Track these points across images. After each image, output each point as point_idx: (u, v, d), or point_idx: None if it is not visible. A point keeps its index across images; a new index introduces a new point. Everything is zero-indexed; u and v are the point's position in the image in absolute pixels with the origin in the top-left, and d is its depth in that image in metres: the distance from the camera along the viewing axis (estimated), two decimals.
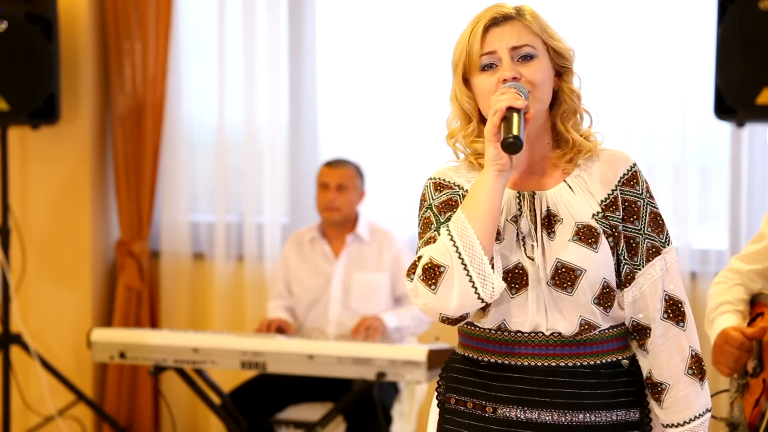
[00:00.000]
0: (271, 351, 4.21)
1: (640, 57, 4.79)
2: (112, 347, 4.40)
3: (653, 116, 4.81)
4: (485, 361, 2.30)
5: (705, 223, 4.86)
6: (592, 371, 2.26)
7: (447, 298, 2.16)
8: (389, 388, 4.51)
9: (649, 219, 2.28)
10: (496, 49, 2.26)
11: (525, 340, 2.26)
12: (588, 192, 2.28)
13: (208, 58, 5.37)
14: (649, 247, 2.28)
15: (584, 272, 2.21)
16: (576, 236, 2.23)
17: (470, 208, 2.19)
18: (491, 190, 2.18)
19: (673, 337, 2.28)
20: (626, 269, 2.27)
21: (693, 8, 4.73)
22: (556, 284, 2.22)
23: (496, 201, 2.18)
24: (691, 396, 2.29)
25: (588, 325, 2.24)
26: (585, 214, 2.25)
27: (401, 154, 5.17)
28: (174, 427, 5.23)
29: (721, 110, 4.35)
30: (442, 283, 2.16)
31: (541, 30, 2.28)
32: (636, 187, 2.29)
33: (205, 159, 5.45)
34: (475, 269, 2.15)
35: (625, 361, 2.30)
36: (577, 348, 2.26)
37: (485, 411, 2.30)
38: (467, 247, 2.16)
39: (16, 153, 5.33)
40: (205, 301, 5.42)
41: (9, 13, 4.88)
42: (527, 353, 2.26)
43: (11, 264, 5.09)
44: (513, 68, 2.25)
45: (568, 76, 2.32)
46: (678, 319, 2.28)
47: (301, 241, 4.78)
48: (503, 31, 2.27)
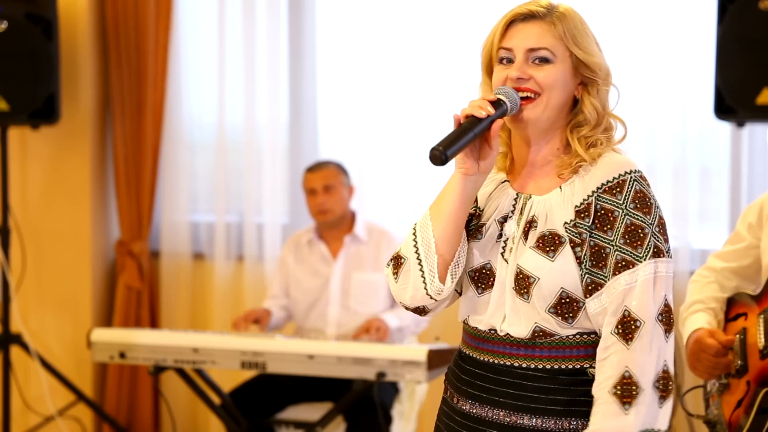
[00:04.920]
0: (271, 351, 4.21)
1: (640, 57, 4.79)
2: (112, 347, 4.40)
3: (653, 116, 4.81)
4: (464, 354, 2.35)
5: (705, 223, 4.86)
6: (547, 375, 2.23)
7: (404, 289, 2.28)
8: (389, 388, 4.51)
9: (624, 230, 2.17)
10: (513, 47, 2.25)
11: (485, 336, 2.28)
12: (570, 199, 2.23)
13: (208, 58, 5.37)
14: (619, 260, 2.16)
15: (537, 280, 2.19)
16: (536, 243, 2.21)
17: (435, 206, 2.26)
18: (453, 191, 2.23)
19: (615, 353, 2.15)
20: (587, 279, 2.18)
21: (693, 8, 4.73)
22: (515, 290, 2.23)
23: (457, 202, 2.22)
24: (605, 415, 2.16)
25: (542, 332, 2.22)
26: (557, 222, 2.22)
27: (401, 154, 5.16)
28: (174, 427, 5.23)
29: (721, 110, 4.35)
30: (402, 274, 2.28)
31: (566, 35, 2.24)
32: (617, 196, 2.19)
33: (205, 159, 5.45)
34: (428, 265, 2.23)
35: (591, 369, 2.21)
36: (533, 350, 2.23)
37: (454, 401, 2.35)
38: (424, 243, 2.24)
39: (16, 153, 5.33)
40: (205, 301, 5.42)
41: (9, 13, 4.88)
42: (487, 349, 2.28)
43: (11, 264, 5.09)
44: (521, 69, 2.23)
45: (592, 87, 2.27)
46: (627, 337, 2.15)
47: (299, 243, 4.78)
48: (525, 28, 2.24)
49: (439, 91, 4.96)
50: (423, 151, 5.03)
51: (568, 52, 2.24)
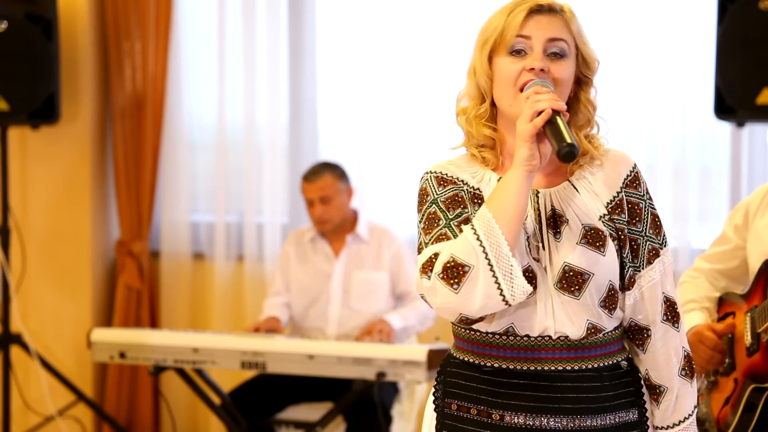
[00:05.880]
0: (271, 351, 4.22)
1: (640, 57, 4.79)
2: (112, 347, 4.40)
3: (653, 116, 4.81)
4: (489, 366, 2.25)
5: (705, 223, 4.85)
6: (596, 374, 2.24)
7: (470, 299, 2.11)
8: (389, 388, 4.51)
9: (650, 221, 2.27)
10: (533, 36, 2.22)
11: (531, 344, 2.22)
12: (593, 193, 2.25)
13: (208, 58, 5.37)
14: (650, 250, 2.26)
15: (592, 276, 2.19)
16: (584, 239, 2.20)
17: (497, 207, 2.12)
18: (520, 190, 2.12)
19: (671, 339, 2.28)
20: (630, 272, 2.25)
21: (693, 8, 4.74)
22: (563, 287, 2.19)
23: (523, 202, 2.13)
24: (684, 397, 2.31)
25: (594, 328, 2.22)
26: (592, 215, 2.22)
27: (401, 154, 5.16)
28: (174, 427, 5.23)
29: (721, 110, 4.35)
30: (465, 283, 2.10)
31: (577, 32, 2.26)
32: (638, 189, 2.28)
33: (205, 159, 5.45)
34: (501, 270, 2.10)
35: (623, 362, 2.28)
36: (583, 351, 2.23)
37: (491, 418, 2.25)
38: (494, 247, 2.10)
39: (16, 153, 5.33)
40: (205, 301, 5.42)
41: (9, 13, 4.88)
42: (533, 357, 2.22)
43: (11, 264, 5.09)
44: (543, 60, 2.21)
45: (587, 86, 2.29)
46: (674, 320, 2.29)
47: (301, 240, 4.78)
48: (544, 20, 2.23)
49: (439, 91, 4.95)
50: (423, 150, 5.08)
51: (576, 49, 2.26)
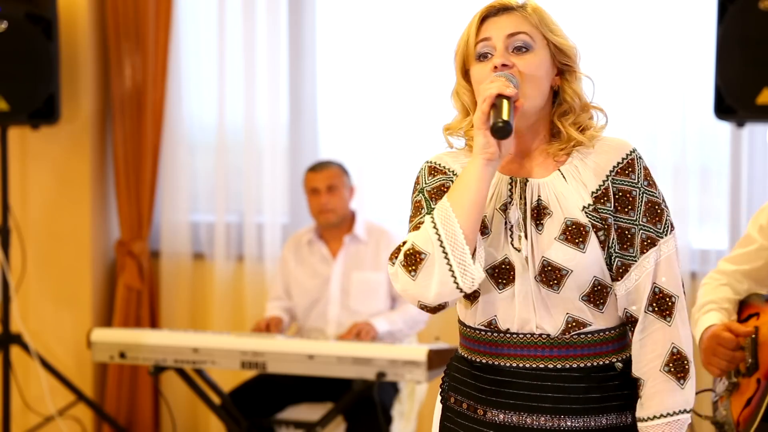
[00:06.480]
0: (271, 351, 4.21)
1: (640, 57, 4.79)
2: (112, 347, 4.40)
3: (653, 116, 4.81)
4: (478, 362, 2.28)
5: (705, 223, 4.86)
6: (582, 374, 2.22)
7: (426, 286, 2.15)
8: (389, 388, 4.51)
9: (645, 208, 2.23)
10: (491, 36, 2.24)
11: (513, 341, 2.22)
12: (580, 182, 2.23)
13: (208, 58, 5.37)
14: (644, 239, 2.21)
15: (570, 272, 2.18)
16: (563, 235, 2.19)
17: (456, 196, 2.16)
18: (478, 178, 2.15)
19: (656, 331, 2.21)
20: (617, 262, 2.22)
21: (693, 8, 4.73)
22: (543, 281, 2.19)
23: (482, 190, 2.15)
24: (664, 394, 2.21)
25: (576, 322, 2.20)
26: (575, 207, 2.21)
27: (401, 154, 5.16)
28: (174, 427, 5.23)
29: (721, 110, 4.35)
30: (422, 270, 2.14)
31: (541, 24, 2.25)
32: (631, 176, 2.25)
33: (205, 159, 5.45)
34: (455, 259, 2.13)
35: (618, 363, 2.24)
36: (567, 350, 2.21)
37: (476, 413, 2.28)
38: (449, 235, 2.14)
39: (16, 153, 5.33)
40: (205, 301, 5.42)
41: (9, 13, 4.88)
42: (515, 354, 2.22)
43: (11, 264, 5.09)
44: (505, 56, 2.22)
45: (570, 75, 2.28)
46: (665, 313, 2.21)
47: (299, 244, 4.78)
48: (500, 19, 2.25)
49: (439, 91, 4.96)
50: (423, 150, 5.07)
51: (545, 40, 2.25)
